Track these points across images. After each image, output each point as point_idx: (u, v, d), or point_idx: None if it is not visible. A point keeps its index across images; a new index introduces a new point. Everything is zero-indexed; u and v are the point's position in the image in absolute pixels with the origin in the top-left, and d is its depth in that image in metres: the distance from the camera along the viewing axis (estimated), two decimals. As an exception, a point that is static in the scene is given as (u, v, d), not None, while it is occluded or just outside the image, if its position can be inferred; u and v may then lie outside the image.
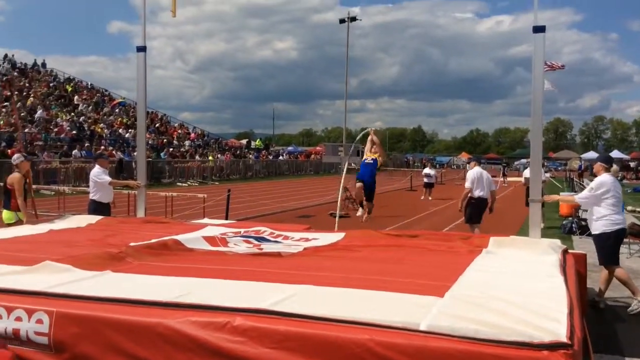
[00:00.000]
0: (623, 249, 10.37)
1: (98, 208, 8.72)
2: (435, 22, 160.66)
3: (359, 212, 10.91)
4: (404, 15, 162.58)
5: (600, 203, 6.57)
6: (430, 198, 23.44)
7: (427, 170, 24.94)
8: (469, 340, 2.72)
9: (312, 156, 56.08)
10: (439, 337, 2.75)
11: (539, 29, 6.67)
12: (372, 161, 9.98)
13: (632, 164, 53.96)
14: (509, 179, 36.37)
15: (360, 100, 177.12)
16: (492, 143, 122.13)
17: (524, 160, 59.95)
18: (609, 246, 6.57)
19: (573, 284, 4.10)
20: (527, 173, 15.97)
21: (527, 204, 7.34)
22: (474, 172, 10.55)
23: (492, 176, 11.33)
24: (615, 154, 68.80)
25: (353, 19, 22.17)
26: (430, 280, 3.87)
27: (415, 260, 4.90)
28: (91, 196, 8.99)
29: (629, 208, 17.42)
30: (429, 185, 24.19)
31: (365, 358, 2.80)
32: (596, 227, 6.66)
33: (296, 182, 35.81)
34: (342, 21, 22.07)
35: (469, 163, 11.96)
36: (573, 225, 12.66)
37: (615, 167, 6.77)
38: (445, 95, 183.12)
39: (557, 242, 5.78)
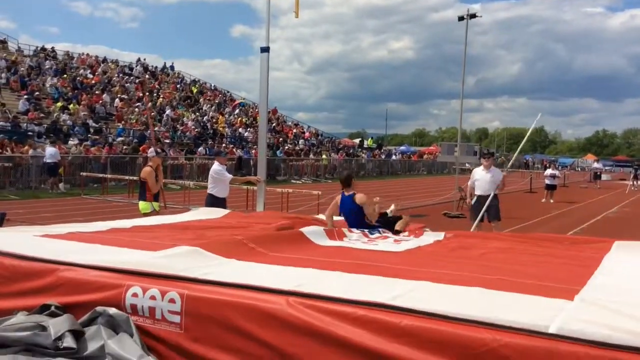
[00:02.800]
0: None
1: (215, 202, 9.13)
2: (561, 18, 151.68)
3: None
4: (528, 10, 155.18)
5: None
6: (552, 201, 22.28)
7: (550, 171, 23.75)
8: (602, 346, 2.56)
9: (425, 156, 55.21)
10: (570, 341, 2.62)
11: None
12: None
13: None
14: (640, 182, 33.72)
15: (477, 100, 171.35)
16: (621, 145, 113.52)
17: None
18: None
19: None
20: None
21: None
22: None
23: (621, 179, 10.48)
24: None
25: (473, 15, 21.46)
26: (557, 283, 3.68)
27: (537, 262, 4.68)
28: (209, 190, 9.45)
29: None
30: (551, 187, 22.99)
31: (488, 359, 2.73)
32: None
33: (409, 181, 35.47)
34: (460, 18, 21.46)
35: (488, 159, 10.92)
36: None
37: None
38: (570, 93, 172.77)
39: None
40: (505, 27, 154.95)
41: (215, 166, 9.54)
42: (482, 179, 10.29)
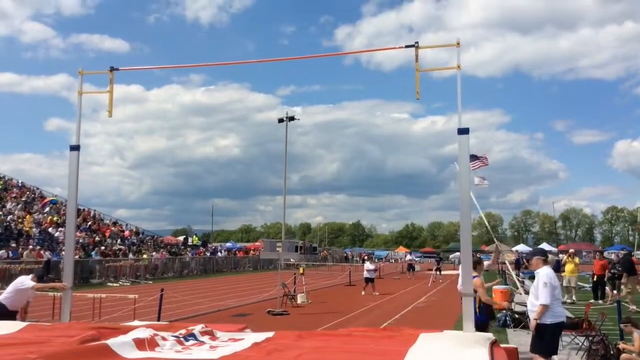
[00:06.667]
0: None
1: (4, 313, 8.14)
2: (373, 122, 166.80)
3: None
4: (344, 115, 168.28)
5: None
6: (376, 293, 23.32)
7: (368, 265, 25.22)
8: None
9: (251, 252, 55.35)
10: None
11: (463, 131, 7.10)
12: None
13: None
14: (443, 272, 36.88)
15: (301, 196, 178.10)
16: (427, 237, 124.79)
17: (457, 254, 61.30)
18: (548, 338, 6.61)
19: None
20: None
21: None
22: None
23: (429, 269, 11.44)
24: (544, 246, 71.86)
25: (291, 118, 22.78)
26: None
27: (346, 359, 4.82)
28: (1, 298, 8.42)
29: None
30: (370, 280, 24.22)
31: None
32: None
33: (234, 278, 35.03)
34: (280, 120, 22.62)
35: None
36: (507, 318, 12.84)
37: (551, 257, 7.00)
38: (384, 190, 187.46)
39: (487, 335, 5.82)
40: (324, 129, 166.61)
41: (24, 277, 8.68)
42: None
